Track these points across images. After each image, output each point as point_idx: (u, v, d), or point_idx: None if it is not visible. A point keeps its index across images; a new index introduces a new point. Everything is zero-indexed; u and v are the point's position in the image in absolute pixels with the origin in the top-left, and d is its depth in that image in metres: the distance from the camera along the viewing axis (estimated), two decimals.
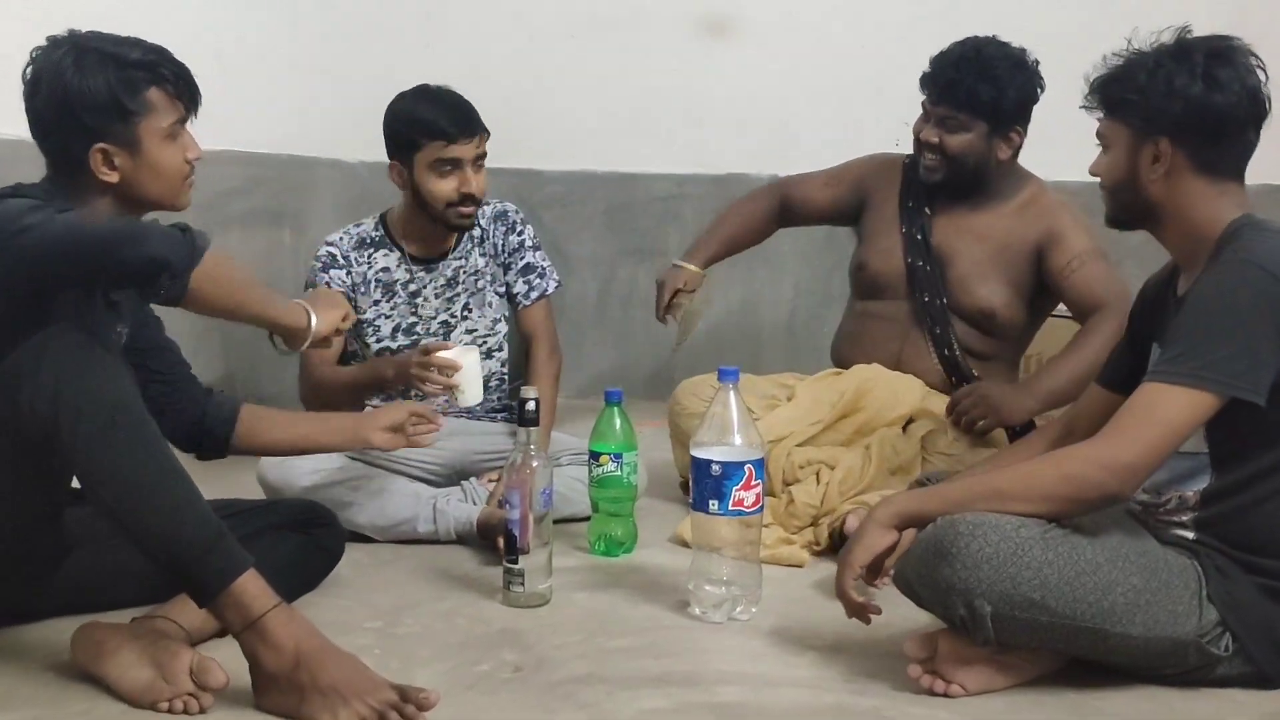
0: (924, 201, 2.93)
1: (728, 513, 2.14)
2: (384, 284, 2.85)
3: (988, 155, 2.83)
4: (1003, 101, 2.77)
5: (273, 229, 3.92)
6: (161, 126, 1.98)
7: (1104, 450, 1.84)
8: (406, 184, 2.76)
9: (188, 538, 1.78)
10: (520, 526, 2.23)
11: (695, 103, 4.35)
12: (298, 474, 2.62)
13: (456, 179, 2.70)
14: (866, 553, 1.93)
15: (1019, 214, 2.88)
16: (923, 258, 2.89)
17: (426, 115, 2.71)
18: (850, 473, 2.65)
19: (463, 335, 2.87)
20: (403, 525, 2.64)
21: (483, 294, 2.89)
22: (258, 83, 3.76)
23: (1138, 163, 1.95)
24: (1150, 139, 1.93)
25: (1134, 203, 1.98)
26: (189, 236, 1.82)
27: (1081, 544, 1.83)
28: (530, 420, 2.25)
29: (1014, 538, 1.80)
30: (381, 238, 2.87)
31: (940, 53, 2.83)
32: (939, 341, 2.88)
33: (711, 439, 2.17)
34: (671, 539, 2.70)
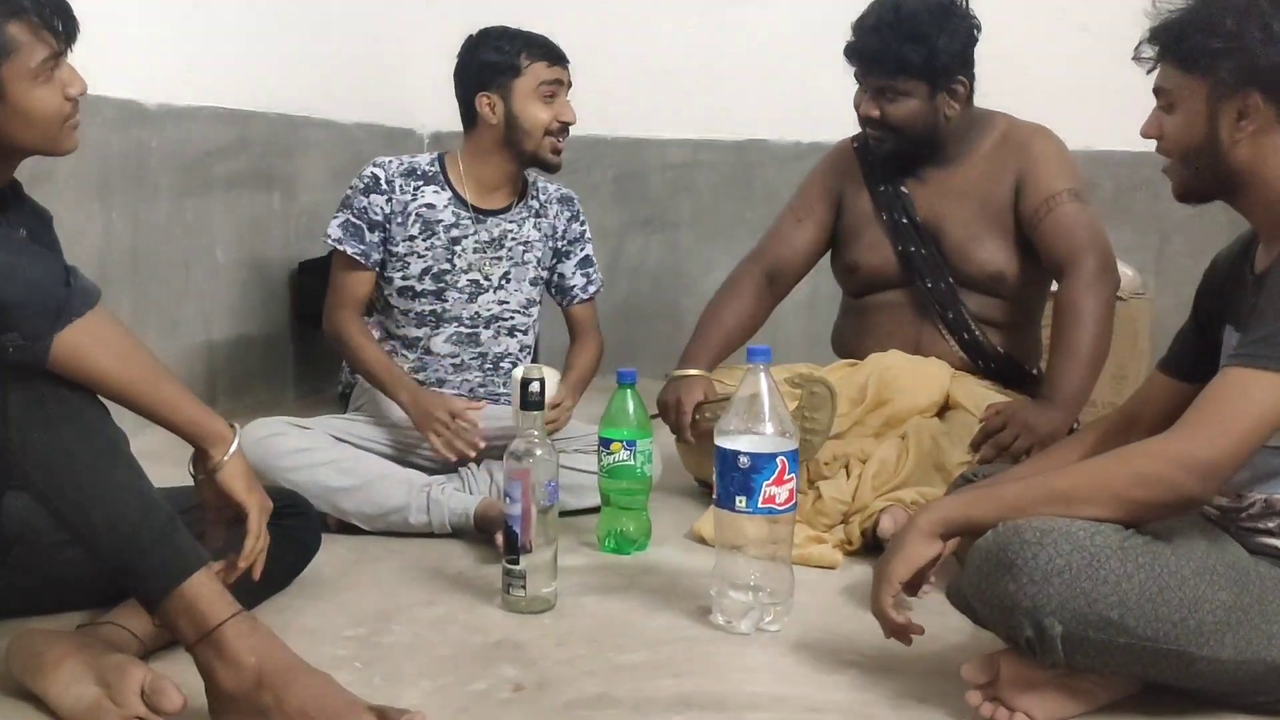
0: (894, 180, 2.71)
1: (757, 511, 1.90)
2: (425, 220, 2.65)
3: (935, 116, 2.60)
4: (936, 58, 2.53)
5: (260, 192, 3.68)
6: (28, 67, 1.67)
7: (1182, 446, 1.60)
8: (500, 116, 2.61)
9: (130, 529, 1.55)
10: (522, 522, 1.99)
11: (713, 62, 4.17)
12: (279, 453, 2.41)
13: (556, 106, 2.61)
14: (907, 566, 1.70)
15: (991, 157, 2.66)
16: (914, 242, 2.67)
17: (524, 41, 2.62)
18: (884, 466, 2.41)
19: (490, 302, 2.69)
20: (393, 515, 2.42)
21: (525, 268, 2.72)
22: (243, 36, 3.54)
23: (1219, 122, 1.71)
24: (1239, 93, 1.69)
25: (1213, 168, 1.74)
26: (70, 285, 1.54)
27: (1164, 554, 1.60)
28: (533, 404, 2.01)
29: (1088, 547, 1.57)
30: (435, 174, 2.69)
31: (860, 18, 2.59)
32: (954, 326, 2.65)
33: (739, 427, 1.93)
34: (689, 535, 2.47)
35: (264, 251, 3.68)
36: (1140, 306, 3.20)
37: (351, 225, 2.62)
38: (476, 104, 2.62)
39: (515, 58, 2.59)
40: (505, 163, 2.66)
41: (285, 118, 3.74)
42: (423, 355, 2.69)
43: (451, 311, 2.67)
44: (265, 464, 2.38)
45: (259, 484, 1.75)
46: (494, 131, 2.63)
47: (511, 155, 2.64)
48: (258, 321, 3.65)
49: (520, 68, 2.59)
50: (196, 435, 1.67)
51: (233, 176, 3.54)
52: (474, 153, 2.68)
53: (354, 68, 4.01)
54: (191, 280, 3.41)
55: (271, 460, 2.39)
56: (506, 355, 2.73)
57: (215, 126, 3.45)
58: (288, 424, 2.48)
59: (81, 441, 1.57)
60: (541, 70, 2.60)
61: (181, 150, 3.32)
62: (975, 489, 1.98)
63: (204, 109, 3.39)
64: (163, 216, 3.28)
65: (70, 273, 1.55)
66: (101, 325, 1.56)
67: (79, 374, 1.55)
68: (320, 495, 2.37)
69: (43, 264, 1.55)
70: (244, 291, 3.60)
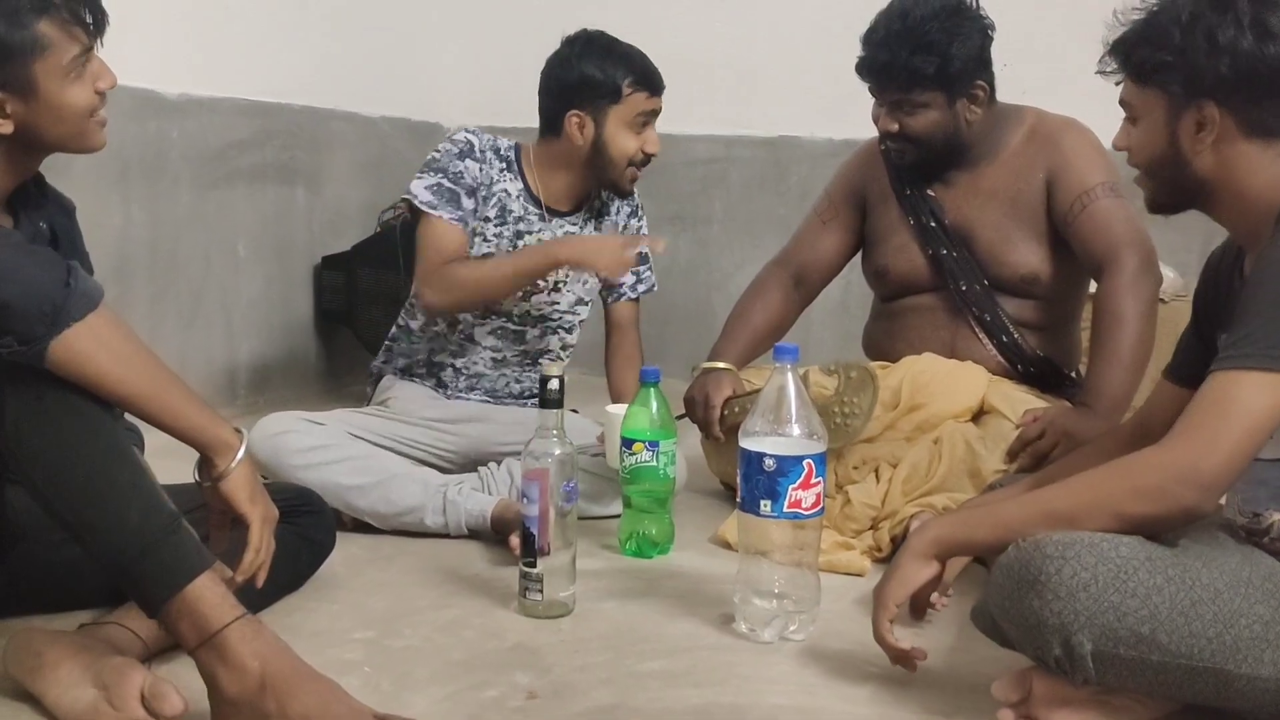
0: (920, 183, 2.63)
1: (782, 515, 1.83)
2: (501, 205, 2.58)
3: (955, 123, 2.52)
4: (950, 66, 2.44)
5: (284, 186, 3.63)
6: (60, 64, 1.63)
7: (1176, 456, 1.53)
8: (587, 139, 2.53)
9: (131, 530, 1.49)
10: (539, 524, 1.92)
11: (744, 57, 4.09)
12: (291, 450, 2.35)
13: (644, 135, 2.55)
14: (903, 589, 1.66)
15: (1020, 155, 2.57)
16: (944, 245, 2.58)
17: (629, 65, 2.53)
18: (915, 470, 2.34)
19: (541, 303, 2.63)
20: (408, 515, 2.36)
21: (582, 272, 2.63)
22: (268, 27, 3.50)
23: (1178, 133, 1.65)
24: (1192, 104, 1.63)
25: (1179, 180, 1.69)
26: (69, 286, 1.48)
27: (1195, 567, 1.53)
28: (553, 402, 1.94)
29: (1114, 559, 1.50)
30: (512, 161, 2.61)
31: (868, 30, 2.50)
32: (992, 329, 2.56)
33: (764, 428, 1.86)
34: (713, 539, 2.40)
35: (287, 245, 3.64)
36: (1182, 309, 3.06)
37: (446, 190, 2.50)
38: (565, 121, 2.53)
39: (619, 81, 2.50)
40: (578, 178, 2.60)
41: (309, 110, 3.69)
42: (464, 341, 2.61)
43: (503, 306, 2.60)
44: (277, 461, 2.34)
45: (264, 493, 1.69)
46: (576, 150, 2.55)
47: (587, 174, 2.57)
48: (279, 316, 3.61)
49: (622, 94, 2.50)
50: (201, 442, 1.62)
51: (255, 169, 3.49)
52: (548, 159, 2.59)
53: (379, 60, 3.96)
54: (212, 273, 3.37)
55: (283, 458, 2.34)
56: (547, 352, 2.68)
57: (237, 118, 3.41)
58: (301, 420, 2.42)
59: (82, 438, 1.51)
60: (641, 101, 2.52)
61: (203, 142, 3.27)
62: (971, 507, 1.93)
63: (225, 100, 3.35)
64: (183, 209, 3.24)
65: (71, 273, 1.50)
66: (102, 328, 1.50)
67: (78, 378, 1.50)
68: (334, 494, 2.31)
69: (42, 264, 1.50)
70: (266, 285, 3.56)
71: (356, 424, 2.48)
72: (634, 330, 2.75)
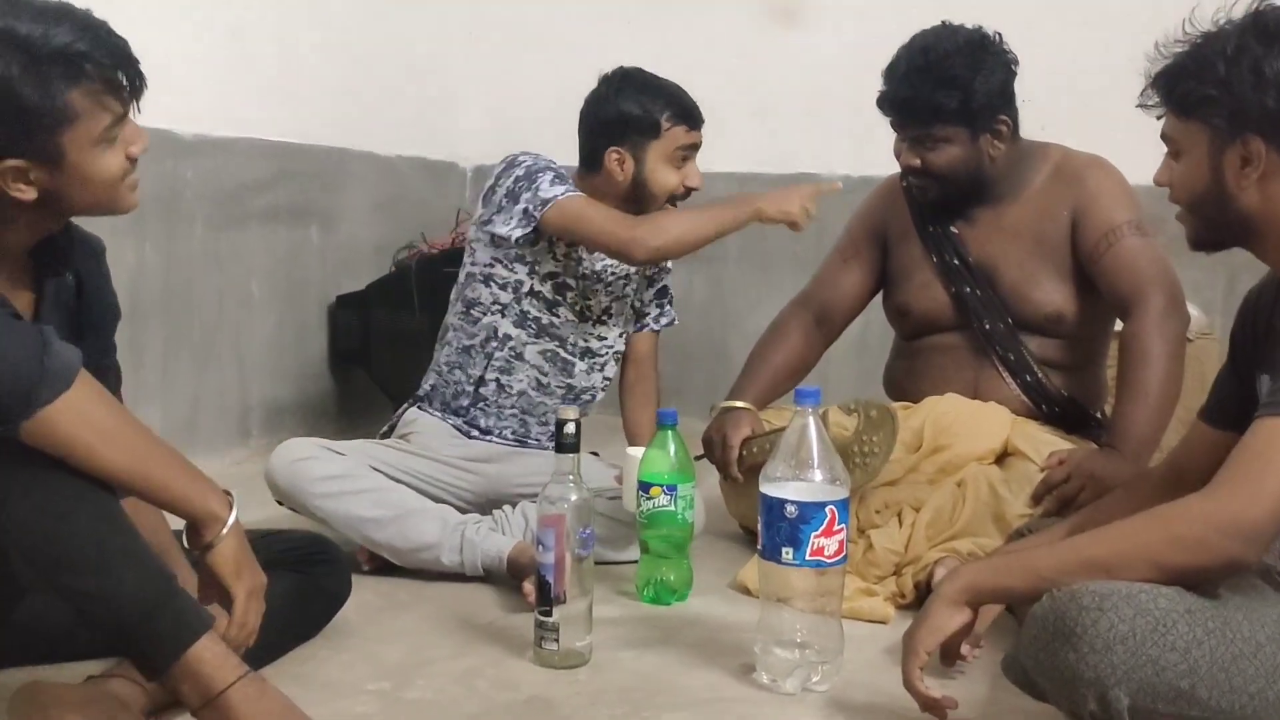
0: (943, 220, 2.58)
1: (804, 563, 1.79)
2: None
3: (979, 159, 2.48)
4: (972, 101, 2.41)
5: (298, 227, 3.61)
6: (91, 135, 1.55)
7: (1219, 506, 1.49)
8: (628, 175, 2.52)
9: (128, 597, 1.45)
10: (555, 572, 1.88)
11: (761, 94, 4.06)
12: (312, 478, 2.33)
13: (685, 170, 2.54)
14: (934, 637, 1.62)
15: (1044, 192, 2.53)
16: (967, 283, 2.54)
17: (669, 100, 2.52)
18: (939, 514, 2.29)
19: (589, 334, 2.61)
20: (425, 552, 2.33)
21: (624, 302, 2.65)
22: (281, 66, 3.48)
23: (1222, 169, 1.60)
24: (1237, 139, 1.58)
25: (1222, 217, 1.63)
26: (43, 365, 1.42)
27: (1236, 619, 1.47)
28: (569, 446, 1.90)
29: (1152, 611, 1.44)
30: None
31: (890, 64, 2.48)
32: (1016, 368, 2.52)
33: (786, 474, 1.81)
34: (732, 585, 2.36)
35: (301, 285, 3.62)
36: (1207, 347, 3.04)
37: (563, 175, 2.48)
38: (605, 157, 2.52)
39: (658, 116, 2.50)
40: (621, 210, 2.51)
41: (325, 150, 3.67)
42: (512, 358, 2.56)
43: (557, 329, 2.56)
44: (296, 488, 2.32)
45: (252, 563, 1.62)
46: (616, 186, 2.53)
47: (627, 209, 2.51)
48: (293, 357, 3.58)
49: (661, 129, 2.50)
50: (187, 514, 1.56)
51: (270, 209, 3.47)
52: (591, 191, 2.52)
53: (395, 100, 3.94)
54: (225, 314, 3.34)
55: (303, 485, 2.32)
56: (588, 390, 2.63)
57: (252, 158, 3.39)
58: (321, 447, 2.39)
59: (73, 504, 1.47)
60: (681, 135, 2.51)
61: (217, 182, 3.26)
62: (1005, 554, 1.89)
63: (241, 140, 3.33)
64: (197, 249, 3.22)
65: (46, 349, 1.43)
66: (81, 402, 1.44)
67: (57, 453, 1.44)
68: (351, 525, 2.30)
69: (15, 341, 1.42)
70: (279, 326, 3.53)
71: (377, 456, 2.45)
72: (652, 364, 2.72)
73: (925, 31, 2.48)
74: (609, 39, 4.09)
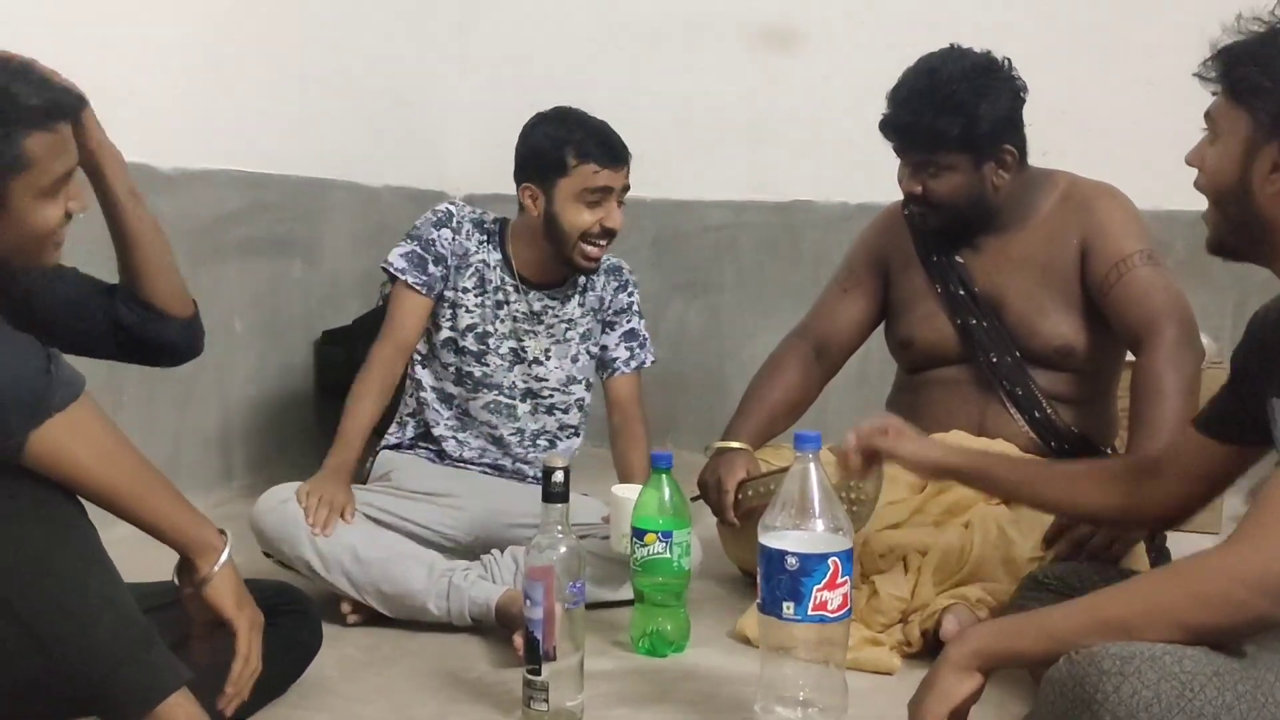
0: (948, 249, 2.51)
1: (806, 618, 1.69)
2: (480, 275, 2.58)
3: (982, 187, 2.40)
4: (977, 128, 2.33)
5: (280, 259, 3.52)
6: (39, 185, 1.50)
7: (1243, 560, 1.39)
8: (540, 211, 2.49)
9: (102, 646, 1.39)
10: (544, 627, 1.79)
11: (756, 121, 4.02)
12: (298, 518, 2.26)
13: (601, 211, 2.47)
14: (942, 704, 1.51)
15: (1052, 221, 2.45)
16: (973, 314, 2.46)
17: (579, 136, 2.46)
18: (946, 558, 2.19)
19: (527, 375, 2.58)
20: (410, 600, 2.25)
21: (567, 345, 2.60)
22: (262, 96, 3.40)
23: (1252, 166, 1.52)
24: (1273, 142, 1.50)
25: (1243, 217, 1.55)
26: (50, 374, 1.38)
27: (1267, 680, 1.38)
28: (557, 495, 1.81)
29: (1178, 675, 1.35)
30: (494, 233, 2.61)
31: (894, 87, 2.39)
32: (1024, 404, 2.43)
33: (786, 523, 1.72)
34: (731, 634, 2.26)
35: (284, 320, 3.53)
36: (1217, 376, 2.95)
37: (416, 256, 2.52)
38: (520, 193, 2.51)
39: (565, 153, 2.45)
40: (546, 249, 2.53)
41: (307, 180, 3.58)
42: (460, 415, 2.58)
43: (493, 378, 2.55)
44: (284, 531, 2.26)
45: (250, 597, 1.58)
46: (533, 222, 2.51)
47: (550, 248, 2.51)
48: (277, 393, 3.49)
49: (568, 166, 2.44)
50: (182, 543, 1.52)
51: (251, 242, 3.38)
52: (521, 232, 2.57)
53: (381, 128, 3.87)
54: (207, 351, 3.19)
55: (289, 529, 2.26)
56: (544, 433, 2.61)
57: (233, 190, 3.30)
58: None
59: (54, 544, 1.40)
60: (589, 174, 2.44)
61: (196, 215, 3.17)
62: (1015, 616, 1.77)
63: (221, 172, 3.25)
64: None
65: (52, 360, 1.39)
66: (84, 420, 1.40)
67: (56, 473, 1.40)
68: (337, 568, 2.24)
69: (19, 351, 1.39)
70: (262, 362, 3.44)
71: (360, 501, 2.38)
72: (636, 406, 2.65)
73: (932, 54, 2.40)
74: (602, 68, 4.05)
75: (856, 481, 2.20)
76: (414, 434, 2.63)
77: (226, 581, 1.54)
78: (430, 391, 2.60)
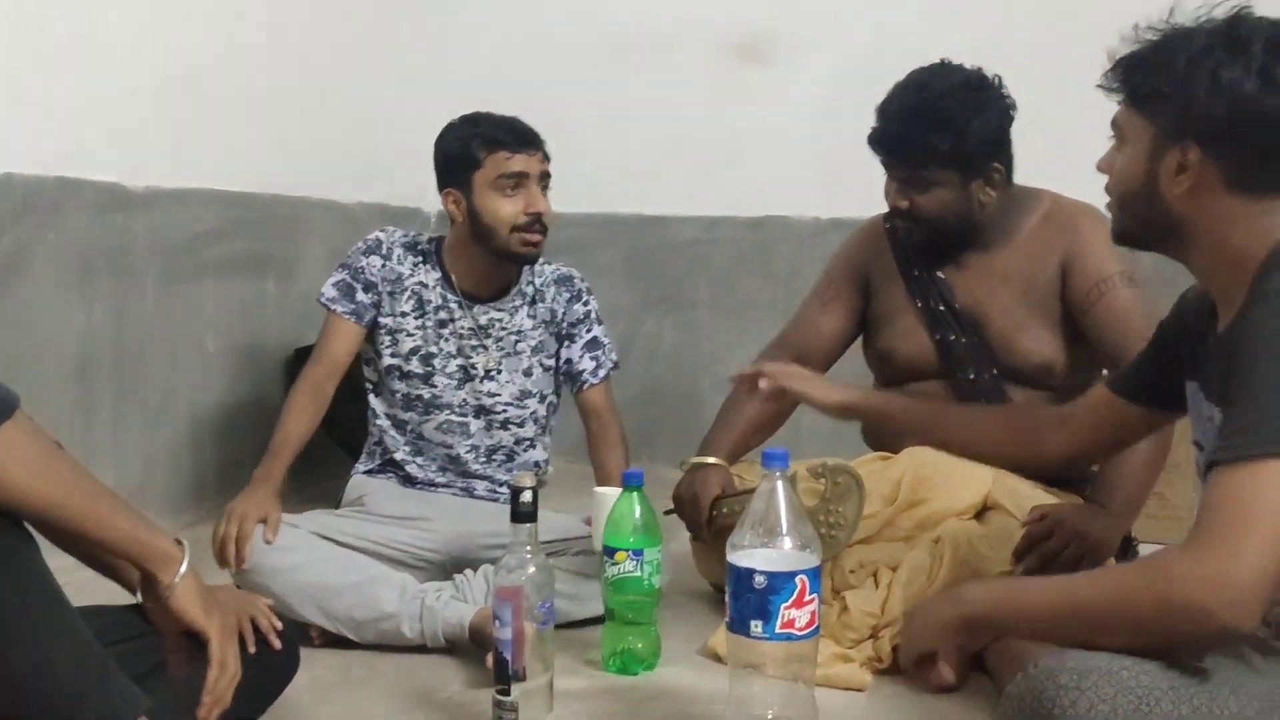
0: (929, 264, 2.52)
1: (774, 637, 1.69)
2: (418, 297, 2.59)
3: (969, 204, 2.42)
4: (966, 145, 2.35)
5: (255, 278, 3.52)
6: None
7: (1202, 565, 1.39)
8: (465, 212, 2.51)
9: (59, 679, 1.35)
10: (514, 648, 1.79)
11: (728, 137, 4.03)
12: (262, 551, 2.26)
13: (522, 198, 2.47)
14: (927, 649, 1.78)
15: (1035, 239, 2.46)
16: (953, 330, 2.48)
17: (484, 129, 2.50)
18: (916, 573, 2.20)
19: (478, 392, 2.57)
20: (385, 622, 2.24)
21: (518, 359, 2.59)
22: (237, 113, 3.39)
23: (1158, 169, 1.56)
24: (1178, 143, 1.53)
25: (1150, 217, 1.60)
26: None
27: (1222, 694, 1.42)
28: (525, 515, 1.82)
29: (1134, 689, 1.39)
30: (430, 253, 2.62)
31: (884, 100, 2.41)
32: None
33: (754, 541, 1.72)
34: (702, 651, 2.25)
35: (258, 338, 3.52)
36: None
37: (346, 285, 2.56)
38: (443, 201, 2.53)
39: (473, 149, 2.47)
40: (482, 255, 2.54)
41: (282, 199, 3.58)
42: (415, 440, 2.60)
43: (442, 398, 2.56)
44: (251, 564, 2.24)
45: (219, 602, 1.56)
46: (461, 229, 2.53)
47: (484, 250, 2.51)
48: (250, 413, 3.47)
49: (479, 160, 2.47)
50: (138, 555, 1.48)
51: (225, 261, 3.38)
52: (455, 243, 2.59)
53: (354, 145, 3.86)
54: (179, 370, 3.24)
55: (259, 559, 2.24)
56: (500, 448, 2.60)
57: (206, 209, 3.30)
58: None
59: (5, 575, 1.36)
60: (501, 160, 2.46)
61: (169, 235, 3.16)
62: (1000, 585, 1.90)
63: (194, 191, 3.24)
64: (149, 304, 3.11)
65: None
66: (19, 439, 1.36)
67: None
68: (311, 597, 2.22)
69: None
70: (235, 381, 3.43)
71: (331, 527, 2.38)
72: (611, 413, 2.64)
73: (923, 69, 2.42)
74: (575, 85, 4.06)
75: (836, 505, 2.22)
76: (380, 461, 2.64)
77: (191, 589, 1.51)
78: (385, 419, 2.62)
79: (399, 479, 2.61)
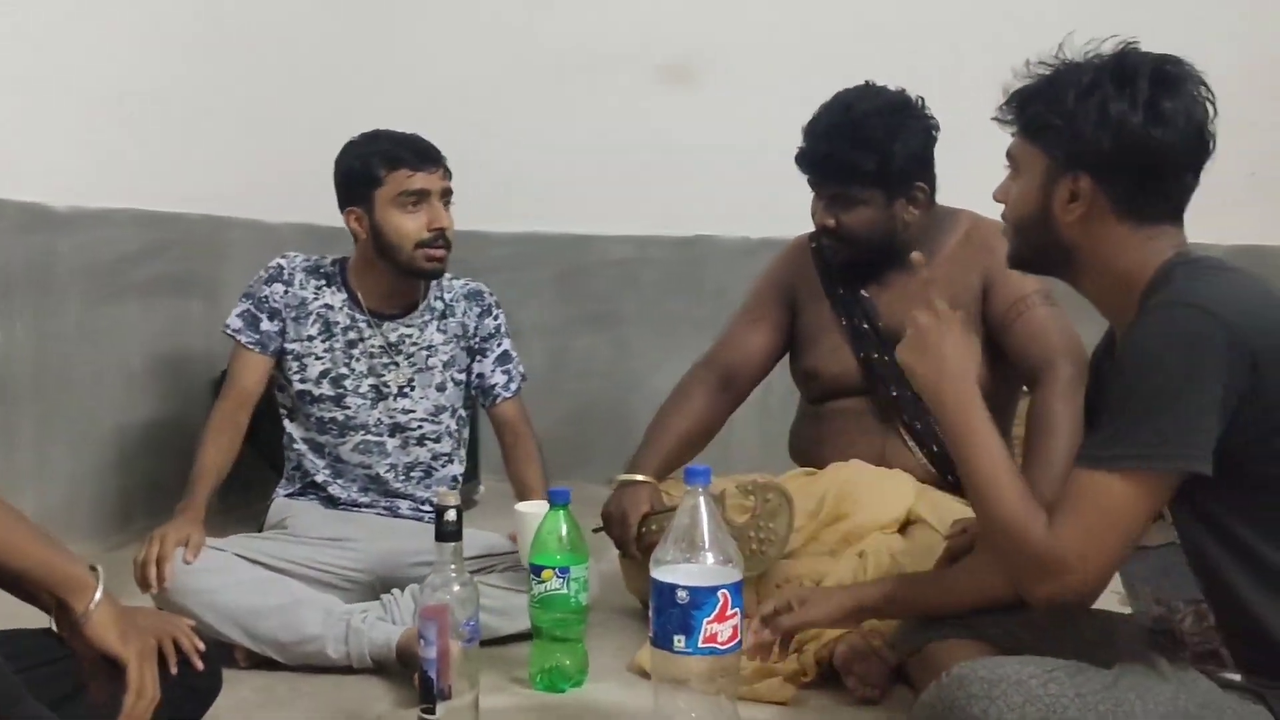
0: (853, 283, 2.56)
1: (697, 651, 1.71)
2: (324, 320, 2.58)
3: (893, 223, 2.46)
4: (890, 164, 2.39)
5: (180, 299, 3.49)
6: None
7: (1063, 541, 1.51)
8: (367, 230, 2.51)
9: None
10: (439, 666, 1.79)
11: (658, 157, 4.04)
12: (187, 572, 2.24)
13: (425, 214, 2.48)
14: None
15: (955, 259, 2.50)
16: (876, 348, 2.51)
17: (385, 146, 2.50)
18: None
19: (393, 410, 2.57)
20: (310, 645, 2.22)
21: (430, 374, 2.59)
22: (163, 132, 3.37)
23: (1051, 199, 1.61)
24: (1069, 174, 1.59)
25: (1044, 243, 1.65)
26: None
27: (1129, 700, 1.46)
28: (450, 534, 1.82)
29: (1041, 697, 1.43)
30: (334, 274, 2.62)
31: (810, 121, 2.45)
32: (922, 437, 2.48)
33: (676, 556, 1.74)
34: (630, 667, 2.27)
35: (184, 359, 3.49)
36: None
37: (250, 315, 2.57)
38: (345, 219, 2.54)
39: (374, 167, 2.47)
40: (387, 272, 2.54)
41: (208, 218, 3.56)
42: (334, 463, 2.59)
43: (356, 419, 2.56)
44: (172, 587, 2.21)
45: (137, 627, 1.55)
46: (365, 247, 2.53)
47: (389, 266, 2.52)
48: (177, 435, 3.43)
49: (380, 178, 2.47)
50: (51, 582, 1.47)
51: (150, 281, 3.35)
52: (359, 261, 2.59)
53: (280, 165, 3.83)
54: (104, 392, 3.20)
55: (182, 581, 2.22)
56: (417, 465, 2.60)
57: (131, 229, 3.27)
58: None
59: None
60: (402, 179, 2.46)
61: (93, 255, 3.13)
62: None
63: (119, 211, 3.22)
64: (71, 326, 3.08)
65: None
66: None
67: None
68: (234, 619, 2.21)
69: None
70: (161, 402, 3.40)
71: (255, 549, 2.37)
72: (526, 425, 2.65)
73: (848, 90, 2.46)
74: (509, 104, 4.06)
75: (766, 522, 2.24)
76: (301, 484, 2.63)
77: (106, 616, 1.50)
78: (302, 443, 2.61)
79: (321, 500, 2.60)
